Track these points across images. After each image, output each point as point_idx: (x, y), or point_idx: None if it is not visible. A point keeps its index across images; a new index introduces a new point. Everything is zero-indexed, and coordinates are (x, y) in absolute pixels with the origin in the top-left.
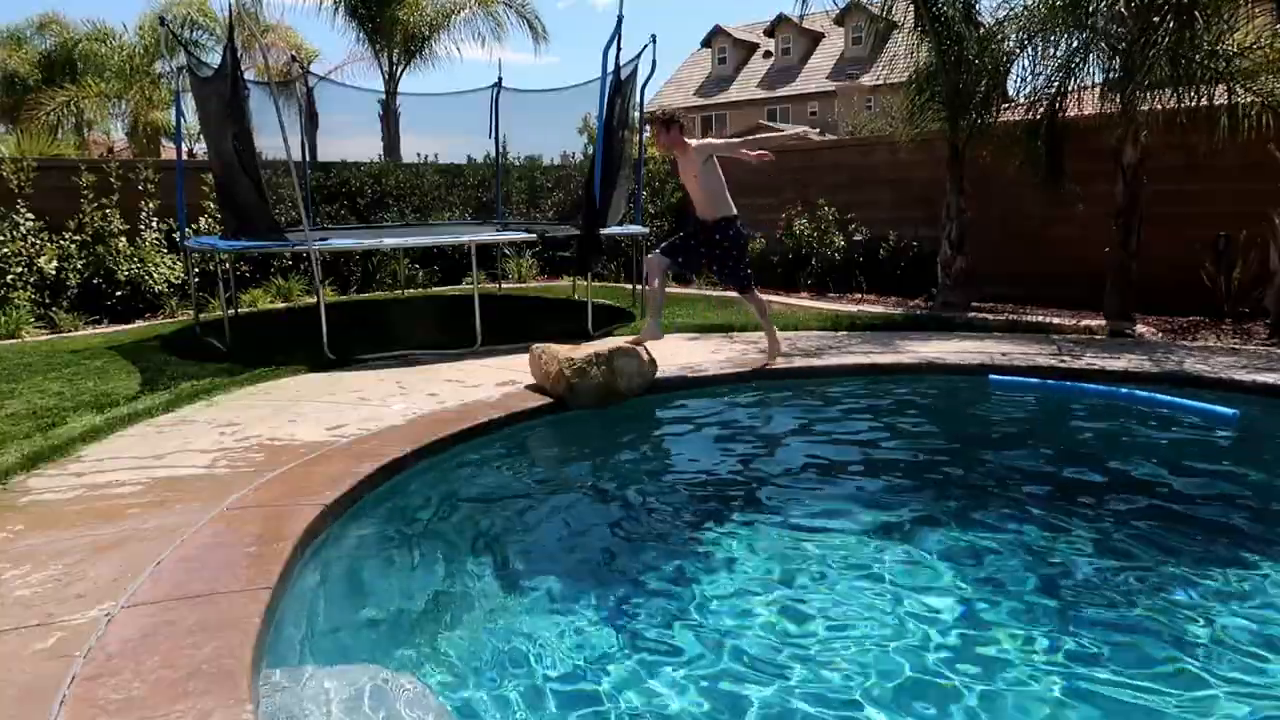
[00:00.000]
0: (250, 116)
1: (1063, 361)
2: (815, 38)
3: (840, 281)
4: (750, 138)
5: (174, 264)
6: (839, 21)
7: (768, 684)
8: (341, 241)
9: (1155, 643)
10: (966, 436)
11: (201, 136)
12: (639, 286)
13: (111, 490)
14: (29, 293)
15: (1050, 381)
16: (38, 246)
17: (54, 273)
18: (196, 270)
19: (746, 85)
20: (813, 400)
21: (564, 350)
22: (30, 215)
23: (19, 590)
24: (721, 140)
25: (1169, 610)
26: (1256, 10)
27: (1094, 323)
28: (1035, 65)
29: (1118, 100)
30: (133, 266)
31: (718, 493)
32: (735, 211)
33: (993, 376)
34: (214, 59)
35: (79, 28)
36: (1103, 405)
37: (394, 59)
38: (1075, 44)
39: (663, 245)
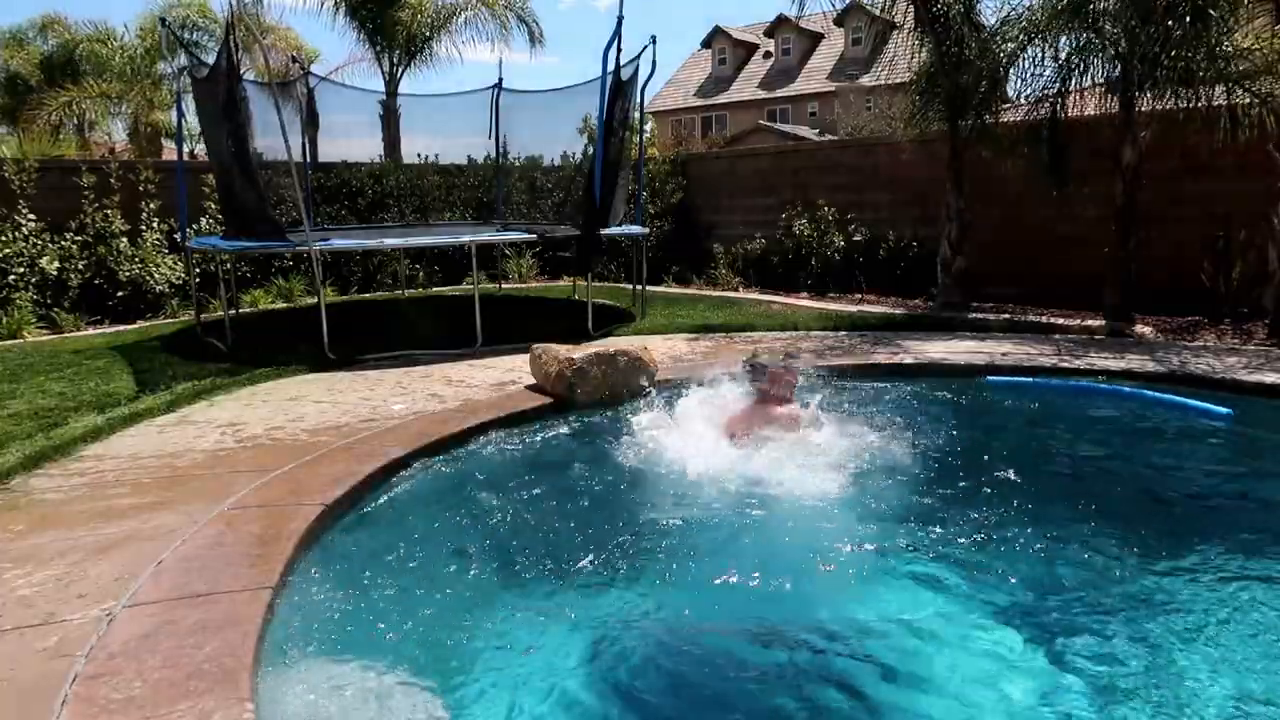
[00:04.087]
0: (249, 117)
1: (1064, 361)
2: (815, 38)
3: (840, 281)
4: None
5: (175, 264)
6: (839, 22)
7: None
8: (343, 242)
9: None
10: (965, 435)
11: (202, 137)
12: (639, 287)
13: (113, 490)
14: (31, 293)
15: (1042, 380)
16: (39, 247)
17: (55, 273)
18: (197, 270)
19: (746, 86)
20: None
21: (564, 350)
22: (32, 216)
23: (21, 589)
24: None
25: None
26: (1256, 11)
27: (1094, 322)
28: (1037, 66)
29: (1116, 101)
30: (134, 267)
31: (716, 491)
32: None
33: (990, 378)
34: (215, 60)
35: (80, 29)
36: (1102, 402)
37: (395, 60)
38: (1077, 45)
39: None
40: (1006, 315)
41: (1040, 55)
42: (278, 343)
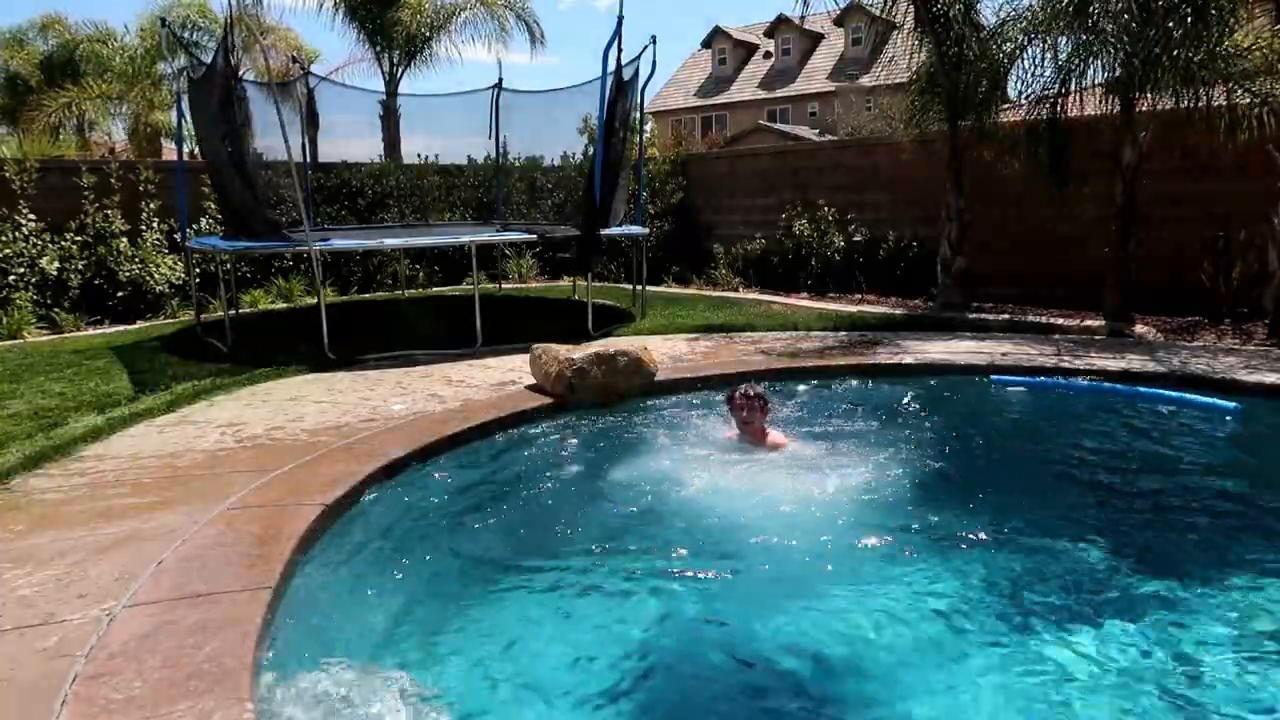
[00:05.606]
0: (249, 117)
1: (1064, 362)
2: (815, 38)
3: (840, 281)
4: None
5: (175, 264)
6: (839, 22)
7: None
8: (343, 242)
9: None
10: (966, 435)
11: (197, 138)
12: (639, 287)
13: (113, 490)
14: (31, 293)
15: (1049, 379)
16: (40, 247)
17: (55, 273)
18: (197, 270)
19: (746, 86)
20: (815, 400)
21: (564, 350)
22: (32, 216)
23: (21, 590)
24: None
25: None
26: (1256, 11)
27: (1094, 323)
28: (1037, 67)
29: (1116, 101)
30: (134, 267)
31: (714, 491)
32: None
33: (995, 377)
34: (211, 60)
35: (80, 29)
36: (1100, 402)
37: (394, 60)
38: (1077, 45)
39: None
40: (1006, 315)
41: (1040, 55)
42: (278, 343)
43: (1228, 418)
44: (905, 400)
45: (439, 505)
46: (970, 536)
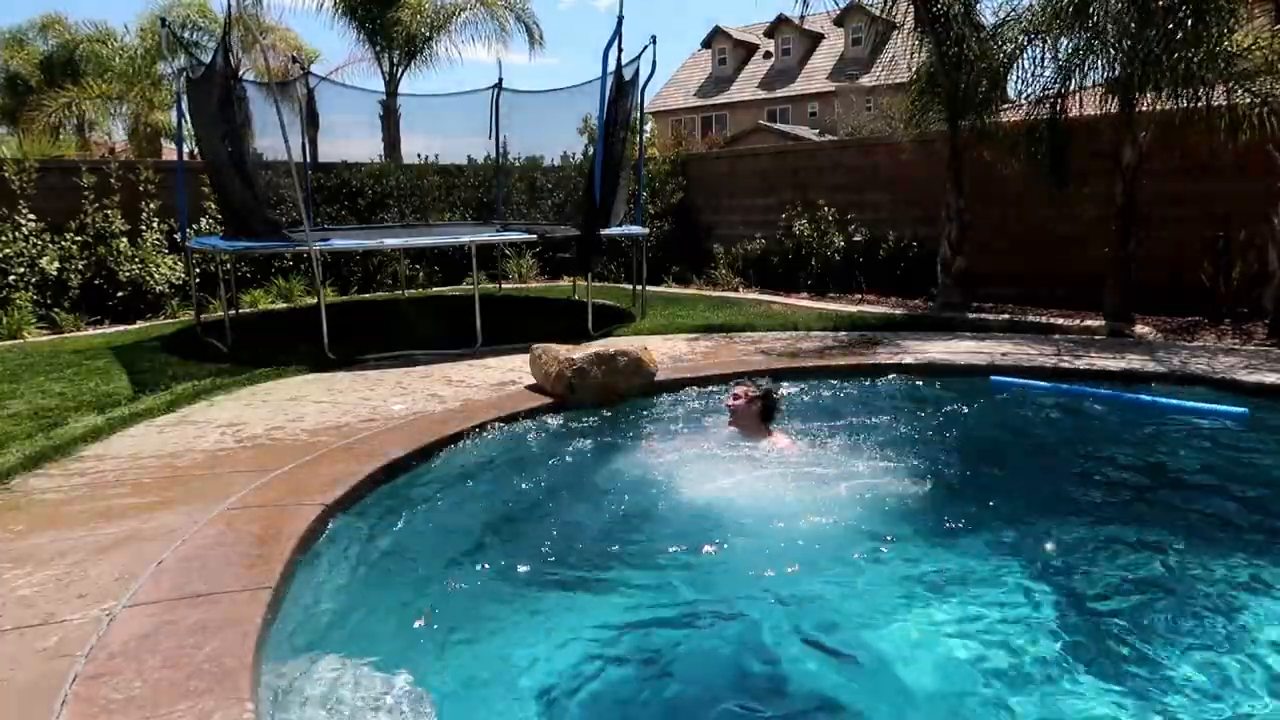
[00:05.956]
0: (249, 117)
1: (1064, 362)
2: (815, 38)
3: (840, 281)
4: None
5: (175, 264)
6: (839, 22)
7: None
8: (343, 242)
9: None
10: (968, 435)
11: (196, 138)
12: (639, 287)
13: (113, 490)
14: (31, 293)
15: (1047, 384)
16: (39, 247)
17: (55, 273)
18: (197, 270)
19: (746, 86)
20: (815, 400)
21: (564, 350)
22: (32, 216)
23: (21, 590)
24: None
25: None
26: (1256, 11)
27: (1094, 323)
28: (1037, 67)
29: (1116, 101)
30: (134, 267)
31: (715, 491)
32: None
33: (994, 378)
34: (210, 60)
35: (80, 29)
36: (1104, 405)
37: (394, 60)
38: (1077, 45)
39: None
40: (1006, 315)
41: (1040, 55)
42: (278, 343)
43: (1229, 422)
44: (904, 400)
45: (439, 505)
46: (968, 536)
